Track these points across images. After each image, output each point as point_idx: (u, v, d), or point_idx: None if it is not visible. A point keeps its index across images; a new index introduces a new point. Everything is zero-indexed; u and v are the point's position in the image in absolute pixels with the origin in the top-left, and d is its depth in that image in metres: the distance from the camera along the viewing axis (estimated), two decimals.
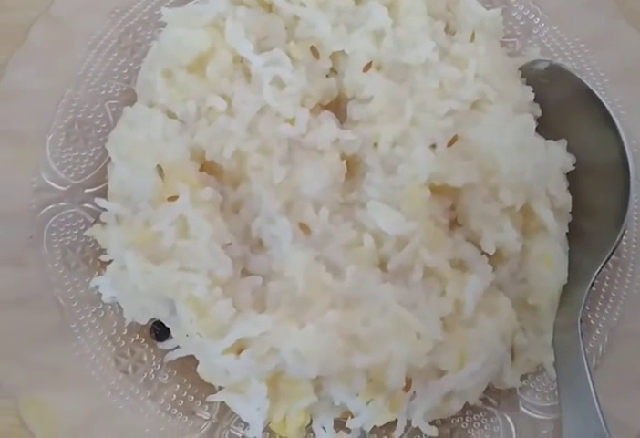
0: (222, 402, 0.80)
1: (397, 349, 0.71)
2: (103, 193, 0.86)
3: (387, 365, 0.71)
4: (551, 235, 0.81)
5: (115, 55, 0.93)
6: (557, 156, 0.83)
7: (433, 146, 0.79)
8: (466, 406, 0.79)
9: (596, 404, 0.73)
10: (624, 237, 0.82)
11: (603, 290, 0.85)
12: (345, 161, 0.81)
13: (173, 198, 0.77)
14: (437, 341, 0.72)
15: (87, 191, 0.88)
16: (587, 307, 0.83)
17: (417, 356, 0.71)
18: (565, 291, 0.81)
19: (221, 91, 0.82)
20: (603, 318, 0.84)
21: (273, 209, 0.79)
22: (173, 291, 0.74)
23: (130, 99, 0.91)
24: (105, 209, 0.82)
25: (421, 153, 0.78)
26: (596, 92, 0.85)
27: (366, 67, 0.83)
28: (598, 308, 0.84)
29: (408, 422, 0.78)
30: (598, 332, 0.83)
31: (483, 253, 0.79)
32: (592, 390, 0.74)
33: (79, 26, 0.93)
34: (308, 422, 0.78)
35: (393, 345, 0.71)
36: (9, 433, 0.85)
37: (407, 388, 0.73)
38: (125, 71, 0.93)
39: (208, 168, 0.82)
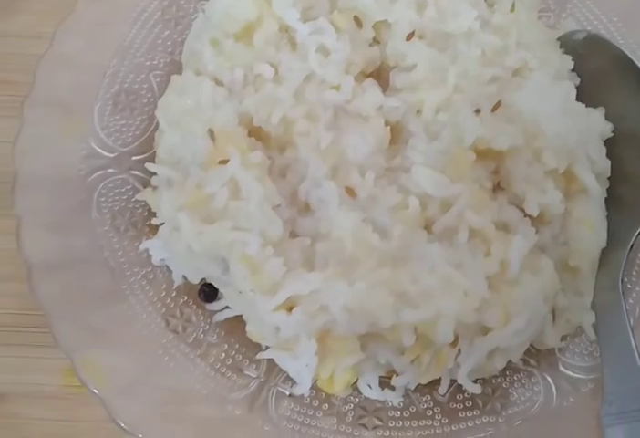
0: (269, 361, 0.82)
1: (446, 305, 0.73)
2: (150, 160, 0.87)
3: (437, 320, 0.73)
4: (592, 198, 0.82)
5: (159, 27, 0.95)
6: (597, 122, 0.85)
7: (477, 111, 0.81)
8: (506, 367, 0.80)
9: (637, 359, 0.75)
10: None
11: None
12: (388, 128, 0.83)
13: (224, 161, 0.79)
14: (483, 299, 0.74)
15: (134, 158, 0.90)
16: (624, 272, 0.84)
17: (465, 312, 0.73)
18: (604, 254, 0.83)
19: (267, 59, 0.84)
20: None
21: (319, 173, 0.81)
22: (227, 250, 0.76)
23: (174, 69, 0.93)
24: (155, 173, 0.84)
25: (466, 117, 0.79)
26: (635, 61, 0.86)
27: (409, 37, 0.85)
28: (635, 273, 0.86)
29: (452, 381, 0.80)
30: (634, 295, 0.85)
31: (526, 215, 0.81)
32: (633, 346, 0.76)
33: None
34: (355, 379, 0.80)
35: (442, 301, 0.73)
36: (62, 394, 0.87)
37: (454, 344, 0.75)
38: (169, 43, 0.96)
39: (255, 134, 0.84)
